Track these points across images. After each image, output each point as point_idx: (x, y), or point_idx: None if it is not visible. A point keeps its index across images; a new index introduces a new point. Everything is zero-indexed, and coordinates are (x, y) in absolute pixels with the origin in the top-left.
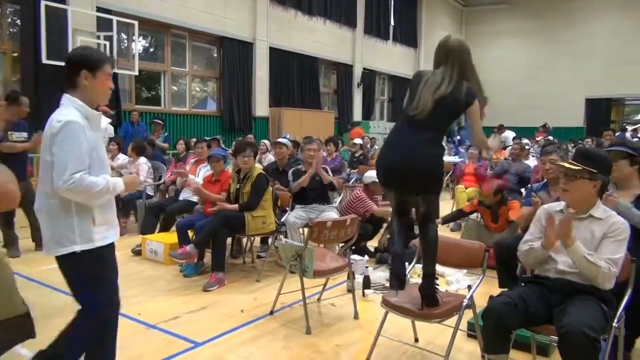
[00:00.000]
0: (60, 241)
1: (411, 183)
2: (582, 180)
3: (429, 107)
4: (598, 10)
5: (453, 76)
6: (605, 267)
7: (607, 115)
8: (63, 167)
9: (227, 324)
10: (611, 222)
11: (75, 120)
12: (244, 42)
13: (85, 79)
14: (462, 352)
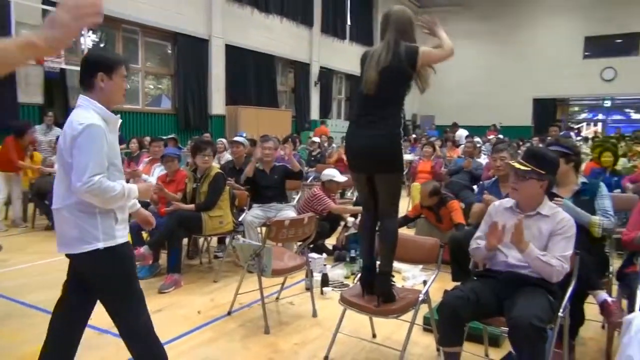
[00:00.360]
0: (85, 238)
1: (372, 161)
2: (531, 180)
3: (376, 80)
4: (544, 14)
5: (390, 43)
6: (558, 265)
7: (553, 114)
8: (82, 169)
9: (184, 326)
10: (559, 219)
11: (97, 123)
12: (199, 38)
13: (102, 80)
14: (419, 346)
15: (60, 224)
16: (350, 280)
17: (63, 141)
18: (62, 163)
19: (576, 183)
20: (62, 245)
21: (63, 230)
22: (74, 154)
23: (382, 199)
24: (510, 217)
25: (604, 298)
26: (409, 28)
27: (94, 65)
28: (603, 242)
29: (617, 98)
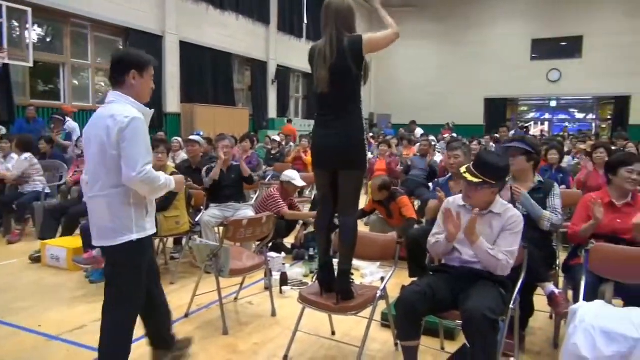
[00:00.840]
0: (121, 230)
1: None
2: (484, 190)
3: (327, 79)
4: (494, 17)
5: (333, 38)
6: (504, 260)
7: (503, 114)
8: (135, 160)
9: (139, 329)
10: (508, 216)
11: (139, 116)
12: (153, 35)
13: (134, 78)
14: (377, 342)
15: (94, 215)
16: (309, 278)
17: (106, 134)
18: (106, 155)
19: (533, 181)
20: (95, 236)
21: (97, 222)
22: (124, 146)
23: (343, 196)
24: (464, 215)
25: (551, 290)
26: (350, 18)
27: (127, 64)
28: (550, 237)
29: (562, 98)
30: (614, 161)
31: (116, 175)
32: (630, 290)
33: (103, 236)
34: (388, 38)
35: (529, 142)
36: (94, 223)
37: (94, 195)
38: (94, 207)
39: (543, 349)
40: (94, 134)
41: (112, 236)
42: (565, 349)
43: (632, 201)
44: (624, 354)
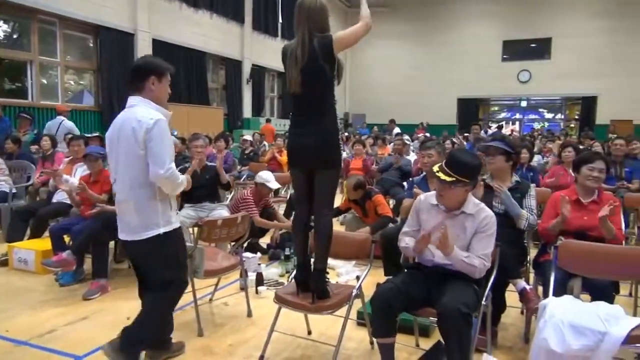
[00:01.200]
0: (149, 225)
1: (311, 158)
2: (456, 188)
3: (299, 80)
4: (466, 18)
5: (305, 39)
6: (480, 265)
7: (475, 114)
8: (163, 159)
9: (112, 333)
10: (481, 218)
11: (163, 118)
12: (124, 32)
13: (153, 83)
14: (353, 341)
15: (124, 214)
16: (285, 278)
17: (133, 135)
18: (134, 155)
19: (511, 181)
20: (126, 232)
21: (125, 218)
22: (151, 145)
23: (319, 195)
24: (436, 215)
25: (522, 286)
26: (322, 17)
27: (147, 70)
28: (522, 235)
29: (532, 98)
30: (577, 160)
31: (143, 173)
32: (597, 285)
33: (133, 232)
34: (357, 33)
35: (508, 142)
36: (122, 219)
37: (124, 199)
38: (124, 209)
39: (515, 343)
40: (122, 136)
41: (142, 232)
42: (536, 343)
43: (597, 199)
44: (591, 347)
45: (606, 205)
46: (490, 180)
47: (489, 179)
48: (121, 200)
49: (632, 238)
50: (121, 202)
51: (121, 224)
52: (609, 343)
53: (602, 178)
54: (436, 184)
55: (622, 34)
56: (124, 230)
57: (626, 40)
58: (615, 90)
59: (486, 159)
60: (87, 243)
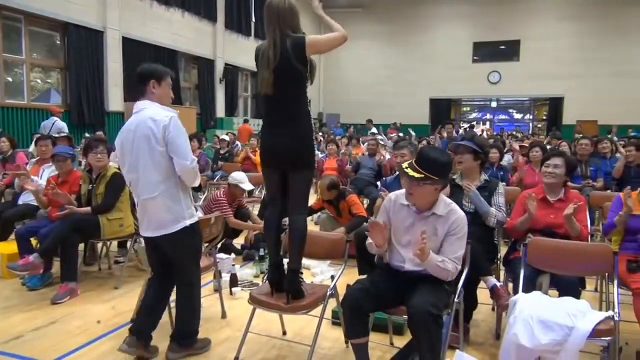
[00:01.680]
0: (177, 218)
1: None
2: (426, 185)
3: (270, 80)
4: (438, 20)
5: (276, 40)
6: (453, 269)
7: (447, 114)
8: (185, 151)
9: (82, 337)
10: (452, 220)
11: (176, 115)
12: (93, 30)
13: (153, 87)
14: (328, 340)
15: (151, 211)
16: (260, 279)
17: (151, 134)
18: (150, 155)
19: (480, 180)
20: (154, 229)
21: (155, 216)
22: (172, 140)
23: (293, 195)
24: (407, 216)
25: (493, 283)
26: (292, 17)
27: (146, 75)
28: (492, 232)
29: (502, 99)
30: (542, 159)
31: (166, 169)
32: (564, 281)
33: (162, 227)
34: (334, 41)
35: (477, 141)
36: (149, 218)
37: (149, 196)
38: (149, 206)
39: (486, 339)
40: (138, 137)
41: (170, 225)
42: (506, 338)
43: (564, 197)
44: (560, 341)
45: (571, 204)
46: (459, 180)
47: (459, 178)
48: (147, 198)
49: (597, 235)
50: (147, 200)
51: (147, 221)
52: (576, 337)
53: (557, 173)
54: (405, 182)
55: (586, 37)
56: (150, 228)
57: (590, 43)
58: (580, 92)
59: (456, 158)
60: (55, 246)
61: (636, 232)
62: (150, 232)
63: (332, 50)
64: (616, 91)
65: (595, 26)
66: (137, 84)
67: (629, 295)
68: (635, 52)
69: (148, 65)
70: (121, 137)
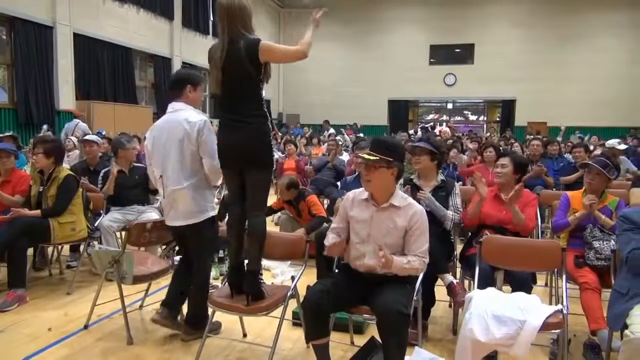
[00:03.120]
0: (202, 210)
1: (240, 158)
2: (381, 169)
3: (220, 80)
4: (396, 22)
5: (226, 39)
6: (420, 265)
7: (405, 115)
8: (212, 152)
9: (32, 345)
10: (411, 214)
11: (207, 119)
12: (42, 25)
13: (189, 91)
14: (289, 341)
15: (179, 201)
16: (219, 281)
17: (185, 134)
18: (181, 152)
19: (436, 180)
20: (182, 218)
21: (183, 206)
22: (204, 142)
23: (251, 195)
24: (365, 209)
25: (450, 280)
26: (243, 17)
27: (184, 80)
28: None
29: (458, 101)
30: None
31: (195, 165)
32: (516, 277)
33: (190, 217)
34: (292, 54)
35: (433, 142)
36: (176, 208)
37: (179, 187)
38: (178, 197)
39: (444, 335)
40: (172, 136)
41: (197, 215)
42: (462, 334)
43: None
44: (512, 335)
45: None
46: (417, 180)
47: (416, 178)
48: (175, 189)
49: (547, 232)
50: (176, 190)
51: (175, 212)
52: (527, 330)
53: (504, 172)
54: (362, 171)
55: (536, 43)
56: (178, 217)
57: (539, 49)
58: (531, 94)
59: (413, 159)
60: (2, 250)
61: (582, 229)
62: (179, 221)
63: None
64: (563, 94)
65: (545, 33)
66: (173, 86)
67: (576, 289)
68: (581, 58)
69: (186, 71)
70: (153, 133)
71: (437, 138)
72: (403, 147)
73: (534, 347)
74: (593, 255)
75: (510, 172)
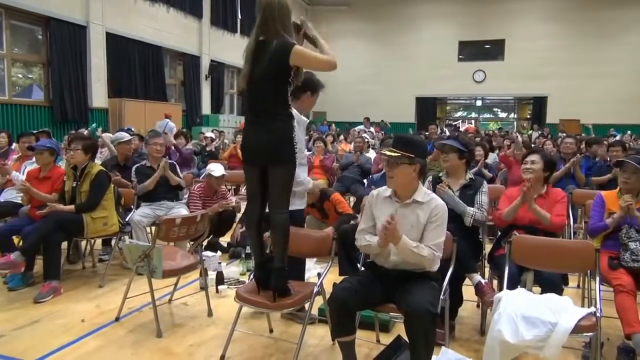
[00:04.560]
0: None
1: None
2: (403, 165)
3: (249, 75)
4: (424, 19)
5: (259, 34)
6: (429, 255)
7: (433, 112)
8: None
9: (65, 336)
10: (432, 207)
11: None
12: (76, 24)
13: (307, 96)
14: (315, 337)
15: None
16: (246, 277)
17: None
18: None
19: (465, 178)
20: None
21: None
22: None
23: (274, 192)
24: (389, 206)
25: (478, 280)
26: (281, 16)
27: (307, 85)
28: (477, 230)
29: (487, 98)
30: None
31: None
32: (547, 278)
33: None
34: (323, 64)
35: (462, 140)
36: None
37: None
38: None
39: (471, 336)
40: None
41: None
42: (491, 335)
43: (544, 194)
44: (543, 337)
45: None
46: (445, 177)
47: (444, 176)
48: None
49: (579, 232)
50: None
51: None
52: (559, 333)
53: (534, 169)
54: (385, 167)
55: (569, 39)
56: None
57: (572, 44)
58: (563, 91)
59: (441, 157)
60: (37, 244)
61: (617, 229)
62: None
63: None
64: (597, 91)
65: (577, 28)
66: (295, 88)
67: (610, 291)
68: (613, 54)
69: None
70: None
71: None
72: (425, 143)
73: (565, 350)
74: (629, 257)
75: (540, 169)
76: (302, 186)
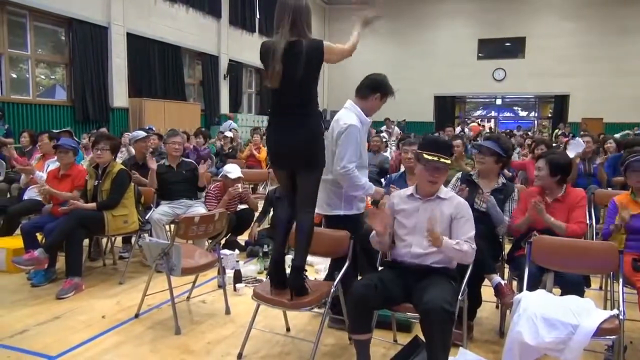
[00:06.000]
0: (332, 205)
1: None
2: (445, 170)
3: (280, 74)
4: (442, 17)
5: (288, 36)
6: (469, 249)
7: (452, 111)
8: (341, 157)
9: (86, 332)
10: (456, 203)
11: (356, 124)
12: (97, 25)
13: (375, 98)
14: (332, 336)
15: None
16: (264, 275)
17: (331, 134)
18: (330, 148)
19: (497, 182)
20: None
21: (320, 198)
22: (339, 144)
23: (301, 194)
24: (411, 202)
25: (497, 281)
26: (306, 17)
27: (378, 86)
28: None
29: (507, 96)
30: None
31: (331, 164)
32: (568, 280)
33: (320, 208)
34: (344, 53)
35: (503, 145)
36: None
37: (324, 177)
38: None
39: (490, 337)
40: (331, 129)
41: (325, 209)
42: (510, 336)
43: (561, 197)
44: (564, 339)
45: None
46: (476, 177)
47: (475, 176)
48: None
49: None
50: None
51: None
52: (580, 335)
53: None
54: (427, 172)
55: (592, 36)
56: (319, 205)
57: (594, 41)
58: (586, 89)
59: (477, 158)
60: (59, 241)
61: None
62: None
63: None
64: (620, 89)
65: (599, 25)
66: (365, 88)
67: (634, 294)
68: (635, 51)
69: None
70: None
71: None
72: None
73: (586, 353)
74: None
75: (546, 175)
76: (362, 190)
